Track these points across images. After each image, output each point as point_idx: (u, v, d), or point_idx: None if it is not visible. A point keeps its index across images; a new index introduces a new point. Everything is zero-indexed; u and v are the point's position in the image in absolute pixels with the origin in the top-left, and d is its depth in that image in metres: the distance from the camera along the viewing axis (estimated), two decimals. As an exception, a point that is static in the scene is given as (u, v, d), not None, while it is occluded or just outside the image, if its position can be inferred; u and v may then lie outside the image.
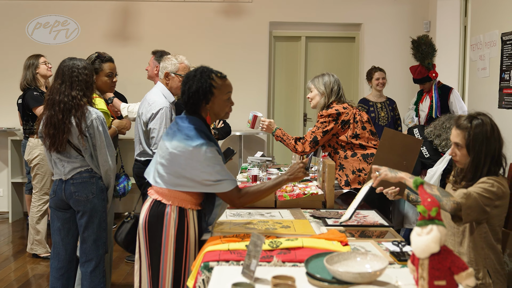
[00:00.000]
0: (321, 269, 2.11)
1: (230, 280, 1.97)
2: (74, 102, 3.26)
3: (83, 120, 3.26)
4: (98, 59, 3.81)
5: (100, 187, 3.41)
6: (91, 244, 3.44)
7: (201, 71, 2.65)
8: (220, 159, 2.60)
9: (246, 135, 7.06)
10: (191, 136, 2.55)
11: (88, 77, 3.36)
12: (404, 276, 2.10)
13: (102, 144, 3.34)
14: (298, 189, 3.57)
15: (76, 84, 3.30)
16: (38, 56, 5.30)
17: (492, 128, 2.79)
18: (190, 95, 2.61)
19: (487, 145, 2.75)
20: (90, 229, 3.42)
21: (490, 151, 2.75)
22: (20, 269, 4.99)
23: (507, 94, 4.91)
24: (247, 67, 7.05)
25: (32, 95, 5.12)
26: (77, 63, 3.36)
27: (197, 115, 2.66)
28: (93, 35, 7.01)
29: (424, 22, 6.99)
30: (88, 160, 3.35)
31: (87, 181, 3.37)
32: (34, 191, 5.23)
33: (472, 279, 1.85)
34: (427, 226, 1.87)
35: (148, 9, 7.10)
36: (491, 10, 5.36)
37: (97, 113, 3.34)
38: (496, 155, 2.76)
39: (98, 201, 3.41)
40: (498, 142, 2.78)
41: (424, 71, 5.82)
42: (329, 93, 3.87)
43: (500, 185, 2.68)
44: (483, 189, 2.64)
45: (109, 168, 3.40)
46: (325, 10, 7.17)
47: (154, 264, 2.61)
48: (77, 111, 3.26)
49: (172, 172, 2.58)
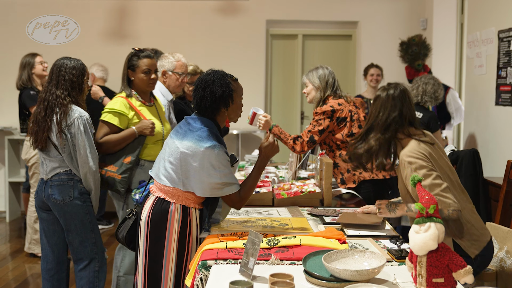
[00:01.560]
0: (319, 267, 2.12)
1: (228, 279, 1.97)
2: (58, 101, 3.23)
3: (63, 119, 3.21)
4: (135, 55, 3.57)
5: (80, 190, 3.31)
6: (77, 245, 3.38)
7: (220, 76, 2.65)
8: (228, 163, 2.63)
9: (243, 134, 7.06)
10: (203, 137, 2.56)
11: (75, 77, 3.28)
12: (402, 273, 2.10)
13: (82, 145, 3.23)
14: (296, 187, 3.57)
15: (62, 83, 3.26)
16: (34, 55, 5.24)
17: (388, 95, 2.77)
18: (214, 99, 2.61)
19: (383, 109, 2.75)
20: (73, 232, 3.35)
21: (386, 115, 2.73)
22: (18, 268, 4.98)
23: (504, 91, 4.92)
24: (244, 66, 7.05)
25: (28, 94, 5.10)
26: (66, 62, 3.31)
27: (210, 117, 2.67)
28: (92, 34, 6.99)
29: (421, 19, 6.99)
30: (66, 160, 3.27)
31: (65, 184, 3.29)
32: (32, 190, 5.21)
33: (470, 277, 1.85)
34: (425, 223, 1.87)
35: (144, 8, 7.09)
36: (487, 7, 5.37)
37: (81, 113, 3.26)
38: (396, 119, 2.72)
39: (78, 204, 3.30)
40: (398, 108, 2.74)
41: (413, 73, 5.85)
42: (324, 87, 3.85)
43: (415, 153, 2.63)
44: (418, 167, 2.61)
45: (89, 171, 3.26)
46: (321, 8, 7.16)
47: (154, 262, 2.61)
48: (60, 110, 3.22)
49: (180, 171, 2.59)
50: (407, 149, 2.67)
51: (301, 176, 4.22)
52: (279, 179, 3.99)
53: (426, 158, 2.61)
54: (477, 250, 2.60)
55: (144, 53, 3.56)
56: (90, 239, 3.39)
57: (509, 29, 4.82)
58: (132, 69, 3.54)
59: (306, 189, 3.46)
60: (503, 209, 3.47)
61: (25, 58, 5.23)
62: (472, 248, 2.60)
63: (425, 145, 2.67)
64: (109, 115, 3.45)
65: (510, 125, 4.85)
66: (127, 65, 3.55)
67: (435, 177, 2.55)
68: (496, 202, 3.82)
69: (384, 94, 2.78)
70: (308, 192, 3.39)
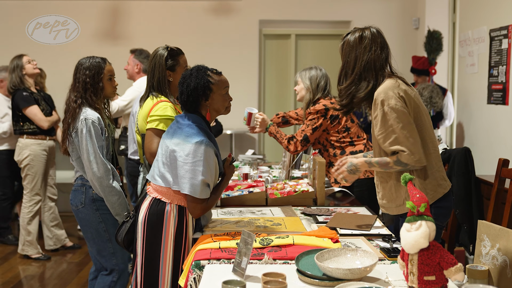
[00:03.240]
0: (312, 266, 2.12)
1: (221, 278, 1.97)
2: (71, 105, 3.13)
3: (72, 122, 3.10)
4: (170, 58, 3.22)
5: (91, 197, 3.14)
6: (96, 255, 3.26)
7: (197, 69, 2.67)
8: (215, 164, 2.61)
9: (237, 134, 7.06)
10: (192, 133, 2.56)
11: (88, 77, 3.11)
12: (394, 272, 2.12)
13: (84, 149, 3.05)
14: (289, 187, 3.58)
15: (76, 85, 3.14)
16: (20, 57, 5.20)
17: (361, 37, 2.65)
18: (189, 93, 2.62)
19: (355, 51, 2.64)
20: (90, 241, 3.23)
21: (357, 57, 2.63)
22: (12, 270, 4.97)
23: (496, 90, 4.94)
24: (237, 66, 7.05)
25: (21, 95, 5.08)
26: (83, 62, 3.16)
27: (197, 113, 2.67)
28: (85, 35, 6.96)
29: (413, 19, 7.02)
30: (76, 165, 3.18)
31: (78, 189, 3.18)
32: (25, 191, 5.20)
33: (461, 274, 1.87)
34: (416, 222, 1.88)
35: (137, 8, 7.08)
36: (479, 6, 5.40)
37: (88, 115, 3.07)
38: (372, 64, 2.62)
39: (89, 211, 3.15)
40: (366, 50, 2.63)
41: (426, 64, 5.97)
42: (314, 89, 3.84)
43: (390, 93, 2.52)
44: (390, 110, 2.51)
45: (93, 177, 3.06)
46: (314, 8, 7.18)
47: (151, 262, 2.62)
48: (70, 113, 3.12)
49: (171, 169, 2.60)
50: (382, 88, 2.56)
51: (294, 175, 4.23)
52: (272, 178, 4.00)
53: (401, 100, 2.51)
54: (435, 196, 2.60)
55: (179, 50, 3.27)
56: (107, 249, 3.22)
57: (500, 28, 4.84)
58: (172, 69, 3.23)
59: (299, 189, 3.47)
60: (495, 207, 3.49)
61: (12, 62, 5.20)
62: (433, 192, 2.60)
63: (402, 82, 2.59)
64: (162, 124, 3.07)
65: (502, 123, 4.88)
66: (165, 66, 3.20)
67: (402, 126, 2.48)
68: (488, 200, 3.84)
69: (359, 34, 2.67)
70: (301, 192, 3.39)
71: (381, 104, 2.53)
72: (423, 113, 2.63)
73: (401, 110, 2.50)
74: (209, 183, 2.59)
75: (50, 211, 5.38)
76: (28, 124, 5.14)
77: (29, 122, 5.13)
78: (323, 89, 3.83)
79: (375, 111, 2.56)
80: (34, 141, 5.16)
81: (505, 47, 4.75)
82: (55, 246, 5.44)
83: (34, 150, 5.14)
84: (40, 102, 5.17)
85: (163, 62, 3.19)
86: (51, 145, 5.30)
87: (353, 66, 2.67)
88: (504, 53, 4.77)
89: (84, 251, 5.47)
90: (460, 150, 4.20)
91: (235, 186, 3.59)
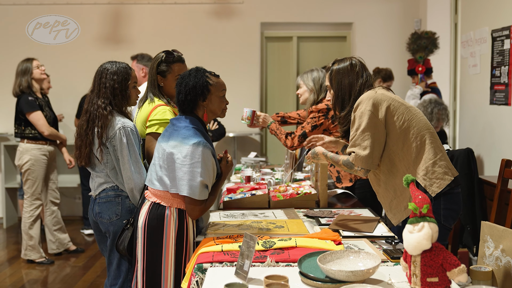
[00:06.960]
0: (314, 268, 2.12)
1: (224, 281, 1.97)
2: (99, 111, 2.92)
3: (104, 131, 2.91)
4: (164, 63, 3.18)
5: (127, 208, 2.98)
6: (115, 268, 3.04)
7: (196, 70, 2.69)
8: (213, 166, 2.61)
9: (239, 136, 7.06)
10: (189, 135, 2.56)
11: (117, 83, 2.96)
12: (397, 273, 2.11)
13: (126, 158, 2.90)
14: (291, 189, 3.58)
15: (103, 91, 2.95)
16: (30, 60, 5.18)
17: (351, 64, 2.85)
18: (187, 92, 2.62)
19: (348, 77, 2.82)
20: (115, 252, 3.01)
21: (352, 83, 2.82)
22: (15, 274, 4.97)
23: (498, 90, 4.93)
24: (239, 69, 7.06)
25: (26, 99, 5.07)
26: (108, 67, 2.98)
27: (193, 114, 2.67)
28: (86, 39, 6.98)
29: (415, 20, 7.01)
30: (111, 176, 2.98)
31: (112, 200, 2.99)
32: (26, 196, 5.20)
33: (464, 276, 1.86)
34: (419, 223, 1.88)
35: (139, 12, 7.09)
36: (481, 7, 5.39)
37: (124, 123, 2.93)
38: (360, 87, 2.81)
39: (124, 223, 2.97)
40: (359, 76, 2.83)
41: (412, 63, 5.94)
42: (318, 90, 3.87)
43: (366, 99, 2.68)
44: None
45: (134, 187, 2.91)
46: (316, 10, 7.18)
47: (153, 267, 2.61)
48: (100, 121, 2.92)
49: (168, 172, 2.59)
50: (361, 97, 2.74)
51: (297, 178, 4.23)
52: (275, 181, 4.00)
53: (373, 107, 2.63)
54: (438, 188, 2.64)
55: (175, 56, 3.20)
56: (127, 265, 3.05)
57: (502, 29, 4.83)
58: (163, 75, 3.18)
59: (301, 191, 3.46)
60: (498, 208, 3.47)
61: (22, 64, 5.17)
62: (434, 186, 2.64)
63: (382, 90, 2.75)
64: (161, 127, 3.02)
65: (505, 124, 4.87)
66: (156, 70, 3.18)
67: (363, 130, 2.63)
68: (491, 201, 3.83)
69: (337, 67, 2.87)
70: (304, 194, 3.39)
71: (354, 109, 2.71)
72: (414, 111, 2.71)
73: (369, 114, 2.64)
74: (208, 184, 2.59)
75: (52, 215, 5.38)
76: (29, 129, 5.14)
77: (31, 127, 5.13)
78: (326, 90, 3.85)
79: (352, 114, 2.75)
80: (35, 146, 5.15)
81: (507, 47, 4.74)
82: (58, 250, 5.45)
83: (35, 155, 5.14)
84: (44, 108, 5.17)
85: (155, 66, 3.18)
86: (52, 150, 5.29)
87: (349, 92, 2.84)
88: (506, 54, 4.76)
89: (88, 254, 5.47)
90: (462, 151, 4.19)
91: (237, 189, 3.59)
